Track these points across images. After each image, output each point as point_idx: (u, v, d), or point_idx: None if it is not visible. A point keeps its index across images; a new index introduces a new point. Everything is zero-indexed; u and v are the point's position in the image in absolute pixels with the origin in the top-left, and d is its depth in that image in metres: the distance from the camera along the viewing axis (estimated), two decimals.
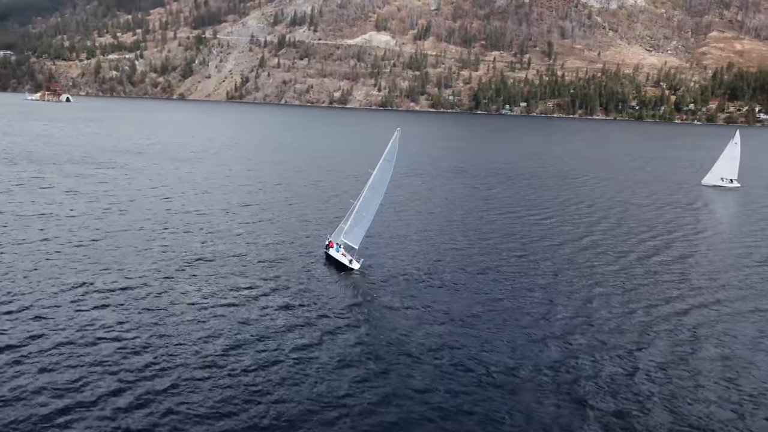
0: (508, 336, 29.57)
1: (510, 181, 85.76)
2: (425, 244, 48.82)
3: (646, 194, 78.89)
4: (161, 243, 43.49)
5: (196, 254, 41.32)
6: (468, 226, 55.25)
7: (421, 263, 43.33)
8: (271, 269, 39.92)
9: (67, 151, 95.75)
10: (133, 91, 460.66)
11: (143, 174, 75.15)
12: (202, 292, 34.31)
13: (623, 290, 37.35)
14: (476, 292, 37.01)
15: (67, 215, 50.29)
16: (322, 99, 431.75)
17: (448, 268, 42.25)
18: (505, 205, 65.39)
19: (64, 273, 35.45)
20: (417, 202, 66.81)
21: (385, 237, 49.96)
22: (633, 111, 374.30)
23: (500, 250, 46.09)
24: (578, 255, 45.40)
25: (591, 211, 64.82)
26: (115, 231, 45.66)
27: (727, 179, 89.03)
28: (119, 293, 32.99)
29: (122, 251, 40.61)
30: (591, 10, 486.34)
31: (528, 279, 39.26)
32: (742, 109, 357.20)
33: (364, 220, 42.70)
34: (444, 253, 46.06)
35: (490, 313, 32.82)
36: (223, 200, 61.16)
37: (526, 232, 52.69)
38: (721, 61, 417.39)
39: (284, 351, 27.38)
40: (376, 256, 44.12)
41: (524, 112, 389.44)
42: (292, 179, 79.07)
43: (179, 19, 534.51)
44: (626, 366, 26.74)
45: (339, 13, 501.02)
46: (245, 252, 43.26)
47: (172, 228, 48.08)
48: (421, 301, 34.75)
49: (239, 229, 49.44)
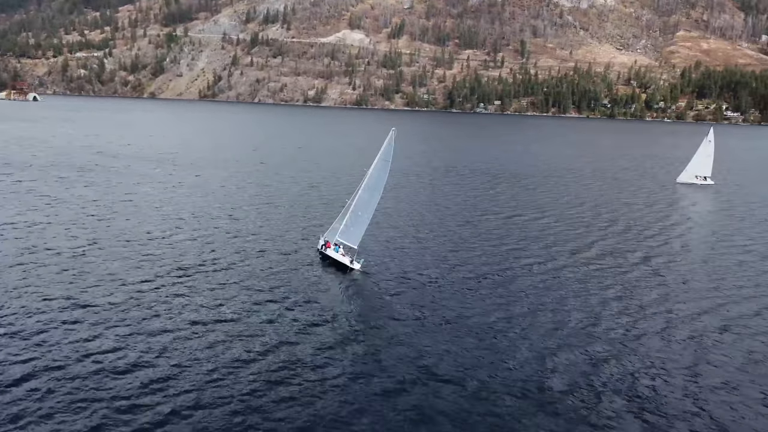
0: (514, 340, 29.63)
1: (496, 180, 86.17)
2: (422, 243, 48.94)
3: (623, 193, 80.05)
4: (151, 250, 42.40)
5: (188, 261, 40.39)
6: (459, 224, 55.34)
7: (419, 261, 43.43)
8: (267, 272, 39.38)
9: (41, 153, 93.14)
10: (102, 89, 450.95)
11: (124, 177, 73.36)
12: (198, 299, 33.56)
13: (604, 290, 37.86)
14: (476, 290, 37.17)
15: (49, 223, 48.38)
16: (296, 98, 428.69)
17: (443, 266, 42.37)
18: (494, 205, 65.67)
19: (51, 288, 34.16)
20: (410, 202, 66.73)
21: (383, 236, 49.83)
22: (605, 109, 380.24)
23: (487, 248, 46.28)
24: (561, 254, 45.85)
25: (568, 209, 65.49)
26: (103, 239, 44.29)
27: (701, 177, 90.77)
28: (112, 305, 31.94)
29: (112, 261, 39.39)
30: (562, 10, 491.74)
31: (522, 279, 39.47)
32: (710, 107, 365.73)
33: (361, 220, 42.37)
34: (439, 252, 46.19)
35: (492, 314, 32.88)
36: (210, 203, 60.10)
37: (508, 231, 53.02)
38: (688, 59, 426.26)
39: (289, 355, 27.00)
40: (375, 256, 43.92)
41: (498, 110, 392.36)
42: (278, 179, 78.21)
43: (149, 16, 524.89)
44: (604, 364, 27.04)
45: (312, 11, 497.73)
46: (238, 255, 42.54)
47: (160, 234, 46.95)
48: (422, 302, 34.85)
49: (228, 232, 48.66)
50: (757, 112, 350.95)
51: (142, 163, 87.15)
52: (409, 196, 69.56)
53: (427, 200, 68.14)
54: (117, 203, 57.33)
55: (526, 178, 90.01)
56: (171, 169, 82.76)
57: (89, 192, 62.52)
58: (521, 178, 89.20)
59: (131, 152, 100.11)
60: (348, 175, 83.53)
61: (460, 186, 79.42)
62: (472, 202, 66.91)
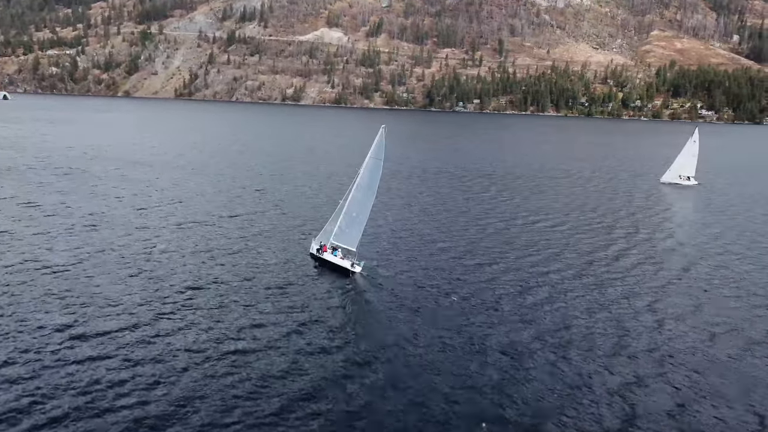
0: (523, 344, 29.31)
1: (482, 181, 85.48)
2: (418, 244, 48.55)
3: (607, 193, 80.00)
4: (143, 261, 40.61)
5: (183, 270, 38.82)
6: (451, 224, 54.94)
7: (418, 263, 43.02)
8: (263, 279, 38.23)
9: (17, 156, 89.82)
10: (75, 88, 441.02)
11: (106, 182, 70.65)
12: (198, 309, 32.36)
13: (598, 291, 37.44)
14: (478, 290, 36.97)
15: (31, 234, 45.72)
16: (275, 96, 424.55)
17: (444, 268, 41.99)
18: (482, 206, 64.94)
19: (40, 307, 32.28)
20: (404, 201, 65.90)
21: (379, 238, 49.07)
22: (583, 107, 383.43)
23: (485, 247, 45.85)
24: (549, 256, 45.57)
25: (551, 209, 65.23)
26: (90, 250, 42.10)
27: (686, 177, 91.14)
28: (107, 318, 30.64)
29: (102, 274, 37.48)
30: (539, 9, 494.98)
31: (513, 280, 39.19)
32: (685, 106, 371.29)
33: (357, 221, 41.36)
34: (436, 252, 45.88)
35: (498, 317, 32.52)
36: (198, 208, 58.23)
37: (495, 231, 52.42)
38: (663, 59, 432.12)
39: (295, 363, 26.66)
40: (374, 258, 43.03)
41: (477, 109, 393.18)
42: (264, 181, 76.55)
43: (122, 13, 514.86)
44: None
45: (290, 8, 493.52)
46: (231, 262, 41.11)
47: (146, 243, 45.05)
48: (426, 303, 34.66)
49: (216, 240, 47.04)
50: (731, 110, 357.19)
51: (122, 166, 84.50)
52: (400, 197, 68.65)
53: (417, 201, 67.34)
54: (100, 211, 54.93)
55: (511, 179, 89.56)
56: (152, 172, 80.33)
57: (70, 199, 59.84)
58: (506, 179, 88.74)
59: (111, 154, 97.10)
60: (337, 175, 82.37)
61: (450, 187, 78.76)
62: (462, 204, 66.11)
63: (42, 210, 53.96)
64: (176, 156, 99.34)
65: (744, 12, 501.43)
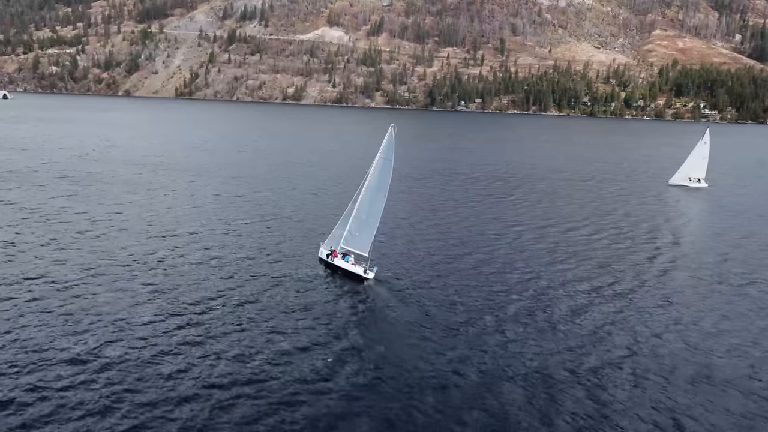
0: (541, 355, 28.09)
1: (490, 182, 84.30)
2: (432, 247, 47.39)
3: (614, 195, 78.44)
4: (150, 270, 39.21)
5: (190, 278, 37.58)
6: (465, 228, 53.85)
7: (434, 269, 41.84)
8: (273, 287, 36.95)
9: (17, 158, 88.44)
10: (75, 87, 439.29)
11: (110, 185, 68.57)
12: (206, 318, 31.38)
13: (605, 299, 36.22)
14: (496, 298, 35.83)
15: (33, 243, 43.81)
16: (275, 95, 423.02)
17: (460, 275, 40.87)
18: (491, 208, 63.77)
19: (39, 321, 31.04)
20: (417, 204, 64.69)
21: (391, 242, 47.95)
22: (585, 107, 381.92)
23: (496, 251, 44.78)
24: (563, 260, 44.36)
25: (562, 214, 63.88)
26: (97, 260, 40.34)
27: (695, 179, 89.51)
28: (118, 323, 29.88)
29: (110, 286, 36.00)
30: (541, 8, 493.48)
31: (528, 284, 38.35)
32: (688, 105, 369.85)
33: (368, 224, 40.08)
34: (453, 259, 44.73)
35: (519, 325, 31.46)
36: (205, 212, 56.74)
37: (500, 234, 51.26)
38: (665, 58, 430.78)
39: (307, 374, 25.94)
40: (387, 264, 41.86)
41: (479, 108, 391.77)
42: (269, 184, 75.07)
43: (123, 12, 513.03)
44: None
45: (290, 7, 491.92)
46: (240, 269, 39.87)
47: (158, 251, 43.64)
48: (442, 315, 33.51)
49: (226, 245, 45.82)
50: (734, 110, 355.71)
51: (126, 168, 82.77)
52: (413, 200, 67.43)
53: (430, 203, 66.27)
54: (106, 218, 52.67)
55: (520, 181, 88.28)
56: (157, 175, 78.64)
57: (74, 205, 57.67)
58: (515, 181, 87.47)
59: (115, 156, 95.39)
60: (344, 176, 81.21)
61: (464, 189, 77.74)
62: (475, 207, 64.79)
63: (44, 216, 52.02)
64: (180, 158, 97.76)
65: (746, 11, 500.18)
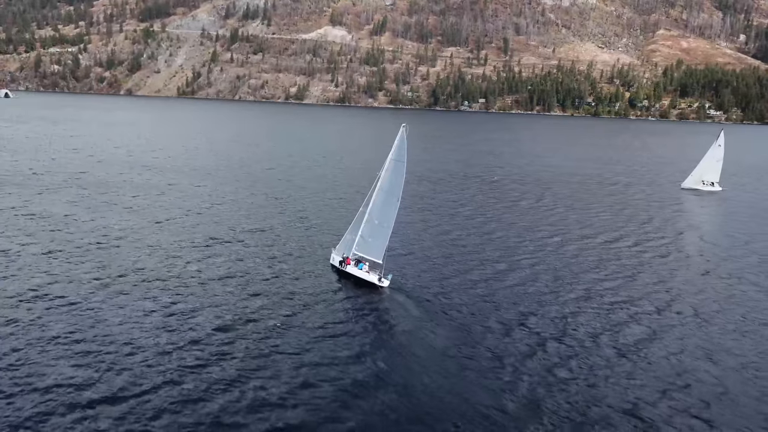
0: None
1: (501, 184, 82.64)
2: (452, 256, 45.75)
3: (624, 199, 76.36)
4: (161, 281, 37.71)
5: (200, 288, 36.09)
6: (484, 233, 52.07)
7: (453, 277, 40.41)
8: (283, 295, 35.56)
9: (21, 159, 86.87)
10: (77, 86, 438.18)
11: (117, 190, 65.94)
12: (217, 326, 30.31)
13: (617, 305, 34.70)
14: (516, 308, 34.49)
15: (35, 255, 41.94)
16: (278, 95, 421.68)
17: (480, 283, 39.45)
18: (503, 211, 62.16)
19: None
20: (433, 208, 63.19)
21: (407, 248, 46.44)
22: (589, 107, 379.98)
23: (510, 255, 42.94)
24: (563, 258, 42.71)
25: (576, 219, 62.08)
26: (104, 273, 38.40)
27: (709, 182, 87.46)
28: (130, 326, 29.18)
29: (118, 299, 34.49)
30: (544, 7, 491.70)
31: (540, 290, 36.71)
32: (693, 106, 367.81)
33: (381, 230, 38.65)
34: (472, 266, 43.26)
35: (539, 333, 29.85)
36: (213, 218, 54.88)
37: (516, 238, 49.65)
38: (669, 58, 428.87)
39: (319, 388, 24.98)
40: (402, 272, 40.44)
41: (483, 108, 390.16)
42: (279, 185, 73.45)
43: (125, 11, 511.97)
44: None
45: (293, 6, 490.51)
46: (250, 277, 38.37)
47: (168, 261, 42.04)
48: (461, 326, 32.21)
49: (236, 250, 44.25)
50: (739, 110, 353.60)
51: (132, 171, 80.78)
52: (428, 203, 65.97)
53: (447, 207, 64.69)
54: (114, 225, 50.32)
55: (530, 183, 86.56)
56: (164, 178, 76.19)
57: (79, 211, 55.21)
58: (524, 183, 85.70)
59: (120, 157, 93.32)
60: (353, 177, 79.65)
61: (481, 192, 76.20)
62: (486, 210, 63.22)
63: (49, 225, 49.10)
64: (187, 159, 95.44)
65: (750, 11, 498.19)
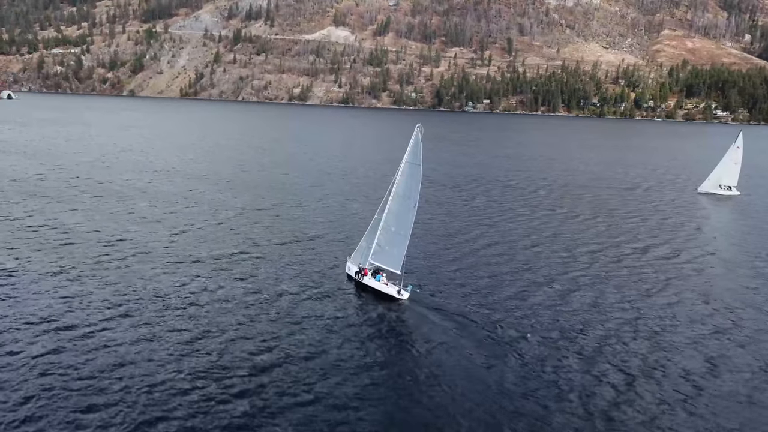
0: None
1: (512, 189, 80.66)
2: (475, 264, 43.89)
3: (639, 204, 74.03)
4: (168, 282, 36.45)
5: (216, 301, 34.34)
6: (508, 240, 50.00)
7: (477, 288, 38.59)
8: (298, 308, 33.87)
9: (26, 164, 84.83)
10: (80, 87, 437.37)
11: (126, 197, 63.39)
12: (232, 343, 28.81)
13: None
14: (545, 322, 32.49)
15: (42, 272, 39.98)
16: (281, 96, 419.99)
17: (504, 293, 37.89)
18: (514, 218, 60.19)
19: None
20: (452, 214, 61.18)
21: (427, 257, 44.63)
22: (595, 108, 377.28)
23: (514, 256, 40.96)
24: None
25: (591, 228, 59.88)
26: (120, 287, 36.35)
27: (726, 186, 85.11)
28: (146, 334, 28.31)
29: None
30: (548, 8, 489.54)
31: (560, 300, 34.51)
32: (699, 106, 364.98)
33: (398, 237, 36.86)
34: (496, 276, 41.48)
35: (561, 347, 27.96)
36: (227, 225, 52.93)
37: (528, 243, 47.54)
38: (674, 58, 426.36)
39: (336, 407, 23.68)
40: (423, 282, 38.51)
41: (487, 109, 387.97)
42: (291, 191, 71.16)
43: (128, 12, 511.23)
44: None
45: (296, 7, 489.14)
46: (262, 294, 36.48)
47: (173, 265, 40.55)
48: (486, 341, 30.62)
49: (249, 261, 42.40)
50: (746, 111, 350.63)
51: (141, 176, 78.15)
52: (447, 209, 63.97)
53: (467, 213, 62.80)
54: (125, 237, 47.45)
55: (550, 187, 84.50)
56: (174, 184, 73.29)
57: (89, 220, 52.49)
58: (546, 188, 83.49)
59: (127, 162, 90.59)
60: (368, 182, 77.56)
61: (497, 196, 74.36)
62: (506, 216, 61.24)
63: (55, 238, 46.09)
64: (196, 164, 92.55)
65: (755, 11, 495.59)
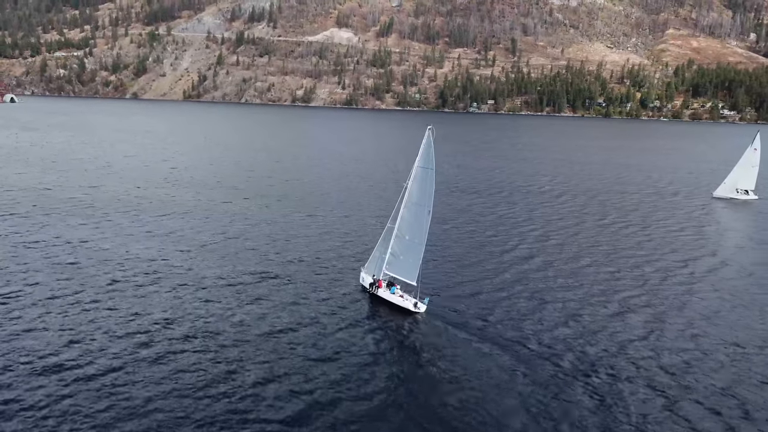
0: None
1: (521, 193, 78.68)
2: (494, 274, 41.98)
3: (653, 209, 71.60)
4: (176, 295, 34.85)
5: (229, 319, 32.44)
6: (525, 249, 47.94)
7: (497, 299, 36.82)
8: (313, 318, 32.61)
9: (28, 171, 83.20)
10: (82, 90, 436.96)
11: (135, 209, 60.06)
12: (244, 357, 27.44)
13: None
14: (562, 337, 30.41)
15: (53, 298, 38.20)
16: (284, 97, 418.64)
17: (526, 303, 36.35)
18: (525, 221, 58.19)
19: None
20: (470, 222, 59.13)
21: (444, 267, 42.84)
22: (600, 108, 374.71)
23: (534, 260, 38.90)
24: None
25: (607, 235, 57.55)
26: (135, 316, 33.49)
27: (743, 190, 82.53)
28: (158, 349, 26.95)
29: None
30: (552, 7, 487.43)
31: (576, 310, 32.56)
32: (706, 106, 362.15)
33: (412, 246, 35.03)
34: (517, 282, 40.12)
35: None
36: (239, 236, 50.77)
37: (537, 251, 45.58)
38: (680, 58, 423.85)
39: None
40: (440, 294, 36.77)
41: (492, 109, 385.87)
42: (301, 200, 68.78)
43: (130, 15, 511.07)
44: None
45: (299, 9, 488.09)
46: (277, 309, 34.60)
47: (183, 276, 38.99)
48: (508, 352, 29.24)
49: (261, 276, 40.38)
50: (753, 110, 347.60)
51: (149, 185, 75.08)
52: (460, 215, 61.96)
53: (479, 219, 60.72)
54: (134, 254, 44.04)
55: (548, 191, 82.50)
56: (184, 194, 70.16)
57: (97, 236, 49.20)
58: (564, 193, 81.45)
59: (135, 170, 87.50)
60: (379, 187, 75.51)
61: (508, 202, 72.24)
62: (524, 223, 59.31)
63: (63, 258, 42.40)
64: (205, 171, 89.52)
65: (760, 10, 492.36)
